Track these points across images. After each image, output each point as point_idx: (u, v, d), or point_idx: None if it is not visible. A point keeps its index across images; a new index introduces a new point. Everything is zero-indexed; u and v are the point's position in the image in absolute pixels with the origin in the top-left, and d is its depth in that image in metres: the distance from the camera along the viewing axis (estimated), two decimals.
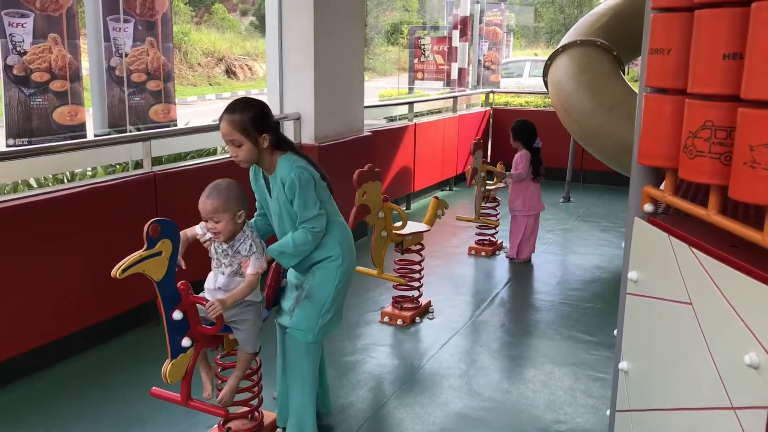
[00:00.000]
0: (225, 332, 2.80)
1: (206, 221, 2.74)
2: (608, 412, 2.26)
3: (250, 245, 2.76)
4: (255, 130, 2.74)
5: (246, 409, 3.01)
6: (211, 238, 2.78)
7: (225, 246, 2.77)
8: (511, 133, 5.77)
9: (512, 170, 5.71)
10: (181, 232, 2.67)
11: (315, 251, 2.92)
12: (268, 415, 3.13)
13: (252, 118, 2.74)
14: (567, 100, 6.55)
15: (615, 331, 2.21)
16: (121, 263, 2.41)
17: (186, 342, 2.66)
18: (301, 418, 2.99)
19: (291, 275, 3.05)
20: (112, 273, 2.40)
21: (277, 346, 3.16)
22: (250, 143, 2.75)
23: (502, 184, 6.04)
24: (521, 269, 5.66)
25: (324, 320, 2.95)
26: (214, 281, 2.82)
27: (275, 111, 5.66)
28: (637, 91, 2.28)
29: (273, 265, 3.02)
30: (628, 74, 7.29)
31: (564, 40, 7.09)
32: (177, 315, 2.60)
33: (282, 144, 2.89)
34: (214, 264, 2.85)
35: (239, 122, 2.73)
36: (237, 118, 2.74)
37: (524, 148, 5.71)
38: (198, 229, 2.81)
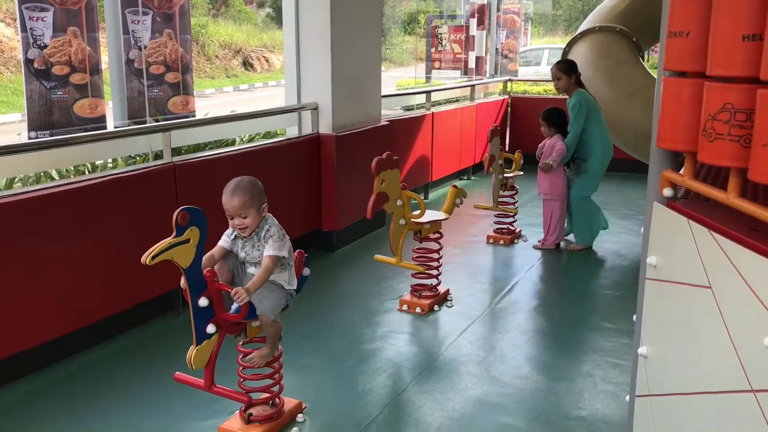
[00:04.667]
0: (248, 319, 2.85)
1: (232, 218, 2.81)
2: (627, 398, 2.26)
3: (267, 229, 2.84)
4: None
5: (267, 395, 3.05)
6: (237, 236, 2.86)
7: (249, 238, 2.84)
8: (544, 121, 5.64)
9: (546, 156, 5.60)
10: (205, 257, 2.74)
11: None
12: (289, 402, 3.17)
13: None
14: (586, 86, 6.50)
15: (634, 317, 2.20)
16: (150, 250, 2.47)
17: (211, 329, 2.72)
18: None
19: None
20: (142, 259, 2.46)
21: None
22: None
23: (521, 172, 6.03)
24: (540, 258, 5.65)
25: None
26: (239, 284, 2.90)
27: (293, 101, 5.68)
28: (656, 77, 2.27)
29: (295, 254, 3.06)
30: (647, 61, 7.22)
31: (582, 27, 7.04)
32: (203, 302, 2.66)
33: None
34: (245, 267, 2.94)
35: None
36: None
37: (557, 134, 5.63)
38: (223, 243, 2.90)
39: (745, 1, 1.46)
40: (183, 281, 2.64)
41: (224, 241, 2.91)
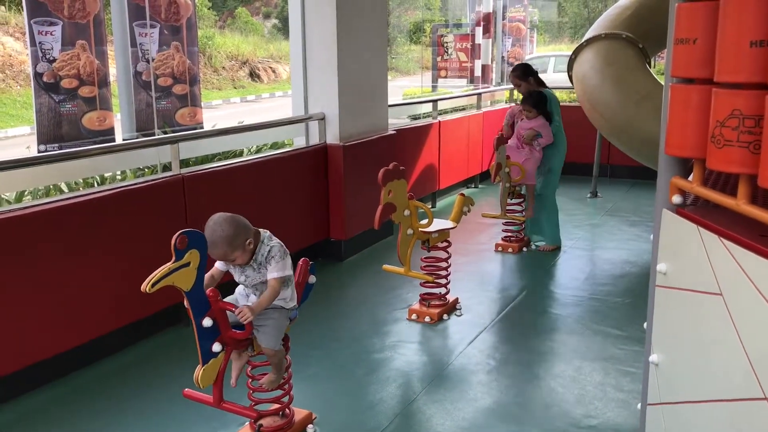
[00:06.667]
0: (254, 335, 2.85)
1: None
2: (639, 406, 2.25)
3: (269, 251, 2.80)
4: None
5: (277, 406, 3.04)
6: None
7: (249, 265, 2.83)
8: (532, 105, 5.73)
9: (536, 137, 5.75)
10: (206, 276, 2.73)
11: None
12: (299, 412, 3.16)
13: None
14: (593, 94, 6.50)
15: (644, 325, 2.19)
16: (150, 277, 2.46)
17: (216, 347, 2.71)
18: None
19: None
20: (142, 288, 2.45)
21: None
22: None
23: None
24: (549, 265, 5.64)
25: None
26: (245, 298, 2.89)
27: (300, 112, 5.70)
28: (663, 83, 2.28)
29: (300, 262, 3.06)
30: (654, 67, 7.21)
31: (588, 34, 7.03)
32: (207, 322, 2.65)
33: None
34: (244, 288, 2.93)
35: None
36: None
37: (540, 115, 5.75)
38: (220, 266, 2.89)
39: (752, 8, 1.46)
40: (186, 302, 2.63)
41: (220, 264, 2.87)
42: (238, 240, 2.72)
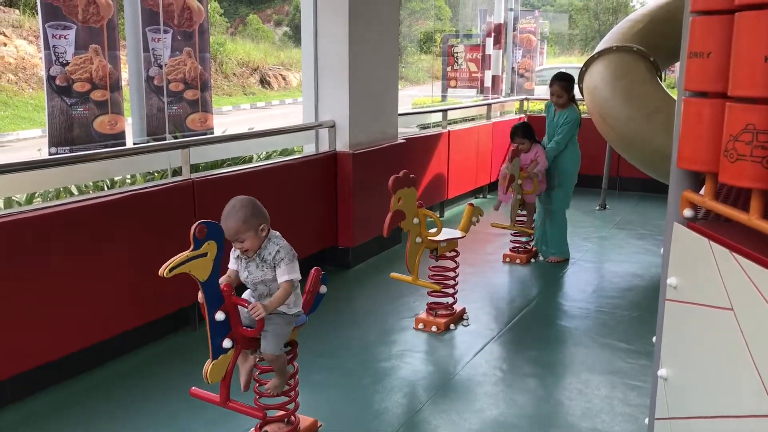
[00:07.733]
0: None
1: (232, 242, 2.82)
2: (647, 420, 2.23)
3: (277, 251, 2.81)
4: None
5: (283, 412, 3.04)
6: (239, 257, 2.87)
7: (252, 259, 2.83)
8: (522, 136, 5.82)
9: (534, 165, 5.81)
10: (223, 277, 2.76)
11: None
12: (304, 420, 3.16)
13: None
14: (603, 106, 6.49)
15: (653, 339, 2.18)
16: (168, 262, 2.49)
17: (227, 343, 2.72)
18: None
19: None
20: (160, 272, 2.48)
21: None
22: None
23: (541, 191, 6.01)
24: (556, 277, 5.62)
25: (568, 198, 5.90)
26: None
27: (310, 119, 5.71)
28: (674, 97, 2.28)
29: (312, 271, 3.07)
30: (665, 80, 7.20)
31: (599, 47, 7.03)
32: (219, 316, 2.67)
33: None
34: (249, 293, 2.94)
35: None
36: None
37: (533, 143, 5.84)
38: (232, 265, 2.90)
39: (767, 23, 1.46)
40: (200, 296, 2.65)
41: (233, 263, 2.91)
42: (253, 221, 2.76)
